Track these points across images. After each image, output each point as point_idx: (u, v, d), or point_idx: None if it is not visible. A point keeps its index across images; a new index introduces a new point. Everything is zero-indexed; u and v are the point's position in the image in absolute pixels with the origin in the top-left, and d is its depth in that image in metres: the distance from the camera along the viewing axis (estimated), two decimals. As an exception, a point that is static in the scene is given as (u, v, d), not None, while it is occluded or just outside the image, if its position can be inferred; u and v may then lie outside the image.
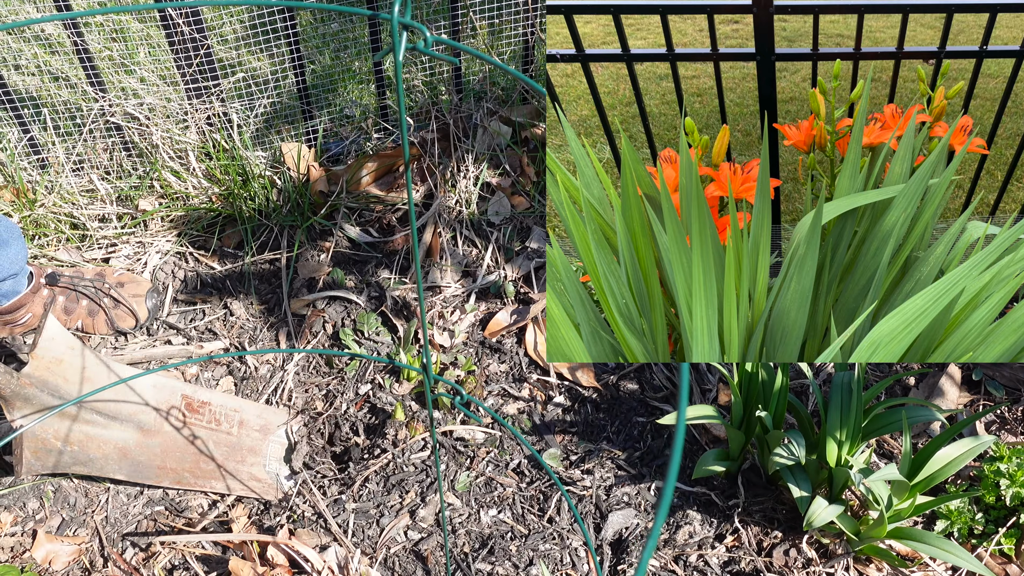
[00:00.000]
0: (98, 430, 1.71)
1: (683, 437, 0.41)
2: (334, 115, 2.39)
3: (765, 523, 1.71)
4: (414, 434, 1.86)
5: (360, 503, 1.78)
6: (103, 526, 1.79)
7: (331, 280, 2.15)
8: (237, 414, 1.85)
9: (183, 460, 1.79)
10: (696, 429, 1.88)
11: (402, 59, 0.63)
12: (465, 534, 1.73)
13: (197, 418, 1.80)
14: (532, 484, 1.81)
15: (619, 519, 1.73)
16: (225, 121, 2.21)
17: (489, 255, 2.19)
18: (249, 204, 2.21)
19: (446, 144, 2.33)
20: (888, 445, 1.85)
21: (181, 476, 1.80)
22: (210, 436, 1.80)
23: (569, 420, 1.92)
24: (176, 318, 2.12)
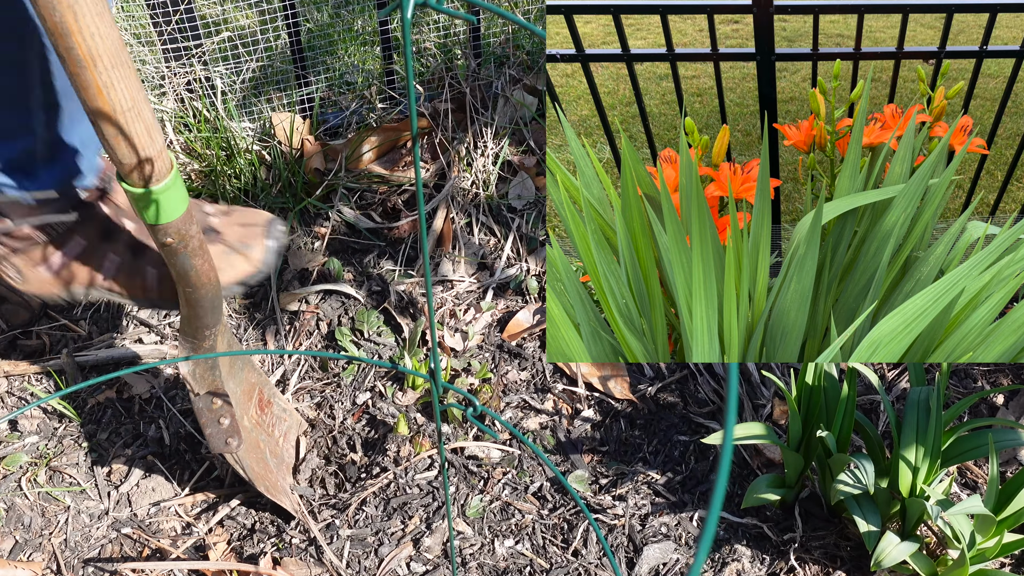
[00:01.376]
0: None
1: (730, 457, 0.40)
2: (332, 81, 2.40)
3: (826, 561, 1.70)
4: (419, 451, 1.86)
5: (356, 529, 1.78)
6: (61, 550, 1.81)
7: (326, 272, 2.16)
8: (286, 423, 1.85)
9: (258, 464, 1.74)
10: (747, 451, 1.88)
11: (411, 16, 0.63)
12: (477, 567, 1.73)
13: (264, 418, 1.79)
14: (555, 511, 1.81)
15: (656, 553, 1.73)
16: (208, 87, 2.22)
17: (509, 245, 2.19)
18: (234, 183, 2.22)
19: (461, 116, 2.33)
20: (971, 473, 1.83)
21: (265, 483, 1.74)
22: (266, 443, 1.79)
23: (599, 437, 1.92)
24: (147, 313, 2.14)
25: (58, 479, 1.90)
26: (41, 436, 1.95)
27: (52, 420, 1.98)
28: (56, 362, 2.04)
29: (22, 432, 1.95)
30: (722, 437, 1.61)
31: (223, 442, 1.60)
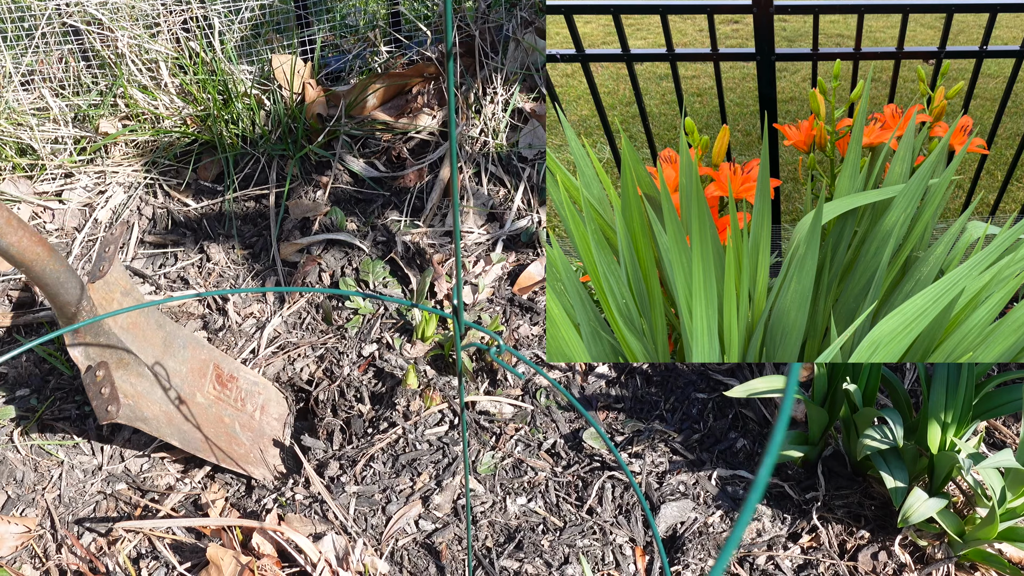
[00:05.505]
0: (147, 386, 1.74)
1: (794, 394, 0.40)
2: (335, 23, 2.38)
3: (849, 520, 1.72)
4: (429, 405, 1.87)
5: (363, 486, 1.79)
6: (56, 506, 1.81)
7: (329, 222, 2.16)
8: (260, 396, 1.91)
9: (219, 437, 1.84)
10: (768, 409, 1.88)
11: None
12: (488, 525, 1.74)
13: (226, 394, 1.86)
14: (569, 468, 1.82)
15: (673, 512, 1.74)
16: (205, 27, 2.21)
17: (520, 196, 2.19)
18: (231, 128, 2.21)
19: (470, 61, 2.32)
20: (1000, 433, 1.85)
21: (224, 454, 1.84)
22: (236, 417, 1.86)
23: (615, 395, 1.93)
24: (142, 263, 2.13)
25: (50, 433, 1.90)
26: (32, 389, 1.95)
27: (43, 372, 1.98)
28: (48, 312, 2.03)
29: (11, 383, 1.95)
30: (748, 390, 1.60)
31: (104, 410, 1.66)
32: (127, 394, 1.71)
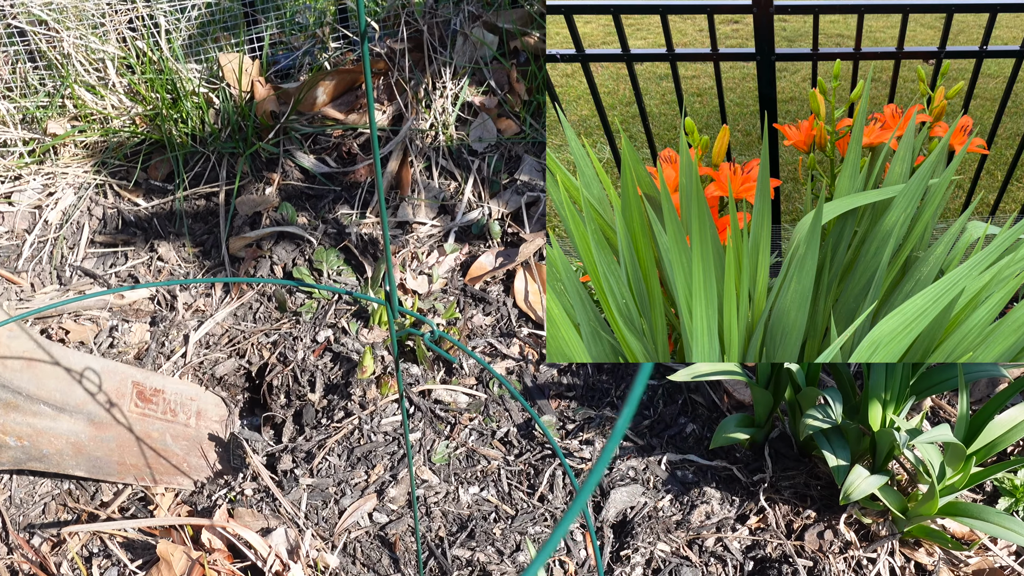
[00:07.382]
0: (47, 422, 1.76)
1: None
2: (283, 21, 2.41)
3: (796, 501, 1.77)
4: (386, 393, 1.90)
5: (318, 479, 1.82)
6: (7, 508, 1.83)
7: (280, 217, 2.19)
8: (193, 403, 1.92)
9: (143, 456, 1.86)
10: (716, 393, 1.93)
11: None
12: (441, 515, 1.78)
13: (151, 408, 1.87)
14: (521, 456, 1.86)
15: (623, 497, 1.78)
16: (151, 26, 2.23)
17: (470, 188, 2.22)
18: (181, 127, 2.24)
19: (419, 56, 2.35)
20: (945, 412, 1.90)
21: (145, 473, 1.86)
22: (167, 429, 1.87)
23: (566, 383, 1.97)
24: (92, 263, 2.16)
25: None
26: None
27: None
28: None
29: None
30: (685, 375, 1.64)
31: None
32: (19, 436, 1.74)
